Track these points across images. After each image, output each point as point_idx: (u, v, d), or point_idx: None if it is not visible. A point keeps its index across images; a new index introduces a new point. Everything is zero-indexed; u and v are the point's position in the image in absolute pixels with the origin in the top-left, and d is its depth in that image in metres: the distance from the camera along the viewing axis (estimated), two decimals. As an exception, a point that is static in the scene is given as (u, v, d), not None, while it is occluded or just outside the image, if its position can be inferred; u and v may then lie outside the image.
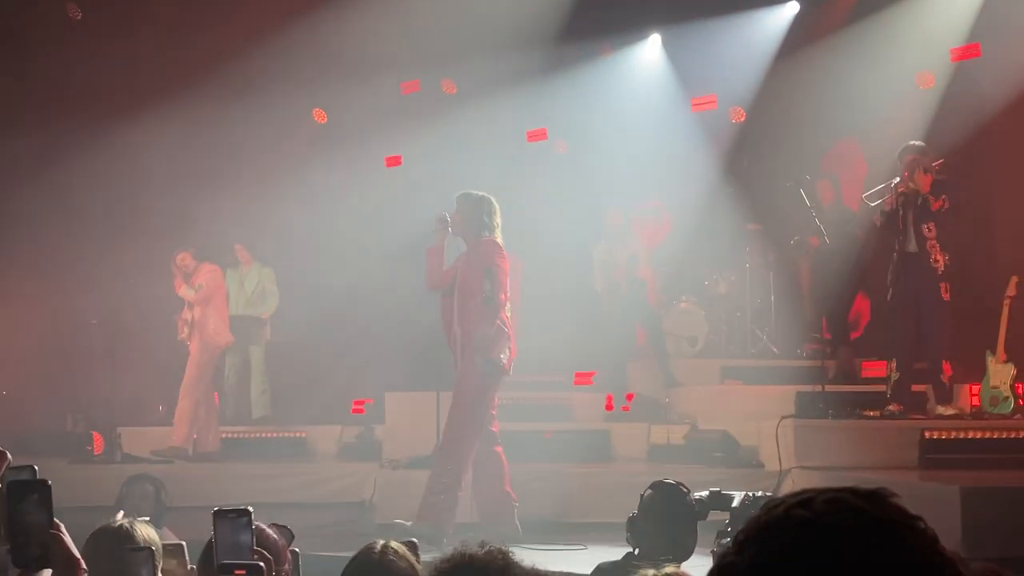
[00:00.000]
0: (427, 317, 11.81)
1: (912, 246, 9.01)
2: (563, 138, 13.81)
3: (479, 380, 7.66)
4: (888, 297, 9.30)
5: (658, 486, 4.74)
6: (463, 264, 7.73)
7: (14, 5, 12.28)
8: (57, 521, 2.38)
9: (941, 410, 9.06)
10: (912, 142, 9.30)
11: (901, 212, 8.94)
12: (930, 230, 8.98)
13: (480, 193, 7.89)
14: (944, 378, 9.12)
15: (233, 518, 2.55)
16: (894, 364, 9.27)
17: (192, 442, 10.62)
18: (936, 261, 8.96)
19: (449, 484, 7.56)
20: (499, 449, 7.86)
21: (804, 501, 1.43)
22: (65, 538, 2.37)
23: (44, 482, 2.33)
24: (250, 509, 2.56)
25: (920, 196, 8.91)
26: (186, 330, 10.76)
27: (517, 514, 7.77)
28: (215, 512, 2.56)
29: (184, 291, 10.74)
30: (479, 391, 7.71)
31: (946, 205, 8.93)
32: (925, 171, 8.90)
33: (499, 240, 7.77)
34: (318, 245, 12.81)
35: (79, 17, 12.15)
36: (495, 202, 7.86)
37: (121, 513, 4.79)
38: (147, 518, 3.84)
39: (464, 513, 7.78)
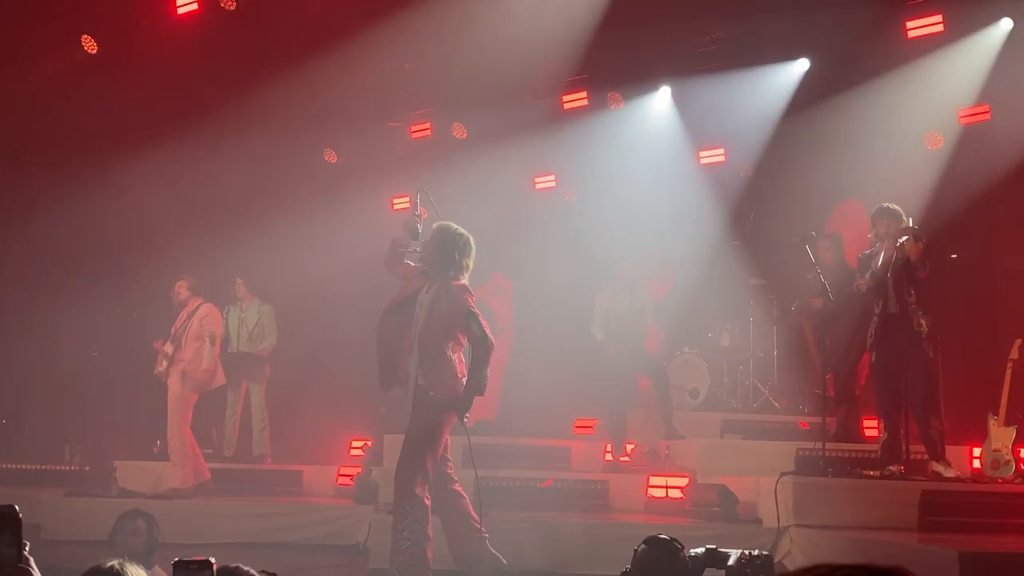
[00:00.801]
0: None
1: (893, 307, 9.04)
2: (571, 186, 13.86)
3: (437, 425, 7.39)
4: (872, 358, 9.28)
5: (652, 542, 4.66)
6: (428, 308, 7.38)
7: (28, 40, 12.36)
8: (27, 555, 2.40)
9: (940, 469, 9.01)
10: (886, 205, 9.29)
11: (888, 275, 8.99)
12: (911, 295, 9.01)
13: (460, 230, 7.54)
14: (934, 433, 9.07)
15: (195, 570, 2.52)
16: (880, 424, 9.25)
17: (190, 479, 10.56)
18: (919, 325, 8.97)
19: (416, 536, 7.35)
20: (458, 487, 7.69)
21: None
22: (34, 572, 2.37)
23: (15, 516, 2.37)
24: (212, 560, 2.52)
25: (907, 264, 8.94)
26: (164, 364, 10.62)
27: (490, 544, 7.63)
28: (175, 564, 2.53)
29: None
30: (436, 436, 7.43)
31: (927, 271, 8.99)
32: (916, 239, 8.92)
33: (466, 283, 7.46)
34: (322, 284, 12.83)
35: (94, 52, 12.21)
36: (472, 244, 7.54)
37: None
38: (139, 563, 3.79)
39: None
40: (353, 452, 11.87)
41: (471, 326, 7.17)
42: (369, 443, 11.70)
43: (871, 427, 10.80)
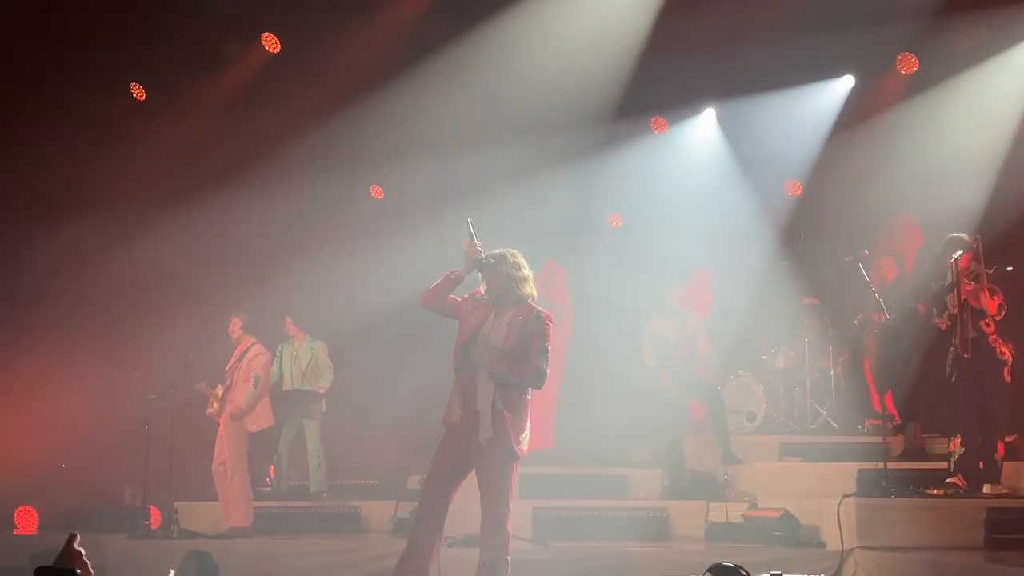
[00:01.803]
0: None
1: (973, 332, 8.96)
2: (618, 212, 13.85)
3: (510, 464, 6.78)
4: (952, 377, 9.17)
5: (717, 570, 4.64)
6: (505, 329, 6.73)
7: (80, 88, 12.59)
8: None
9: (987, 488, 8.91)
10: (957, 234, 9.21)
11: (960, 321, 8.92)
12: (988, 325, 8.95)
13: (499, 251, 6.94)
14: (997, 457, 9.00)
15: None
16: (958, 440, 9.12)
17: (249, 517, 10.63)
18: (1002, 353, 8.94)
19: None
20: None
21: None
22: None
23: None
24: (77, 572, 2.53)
25: (975, 308, 8.90)
26: (215, 405, 10.75)
27: None
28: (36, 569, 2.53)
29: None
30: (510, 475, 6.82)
31: (1005, 306, 8.94)
32: (992, 294, 8.87)
33: (535, 294, 6.93)
34: (374, 319, 12.88)
35: (143, 99, 12.41)
36: (518, 254, 6.95)
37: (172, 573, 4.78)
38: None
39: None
40: (411, 487, 11.87)
41: (541, 359, 6.72)
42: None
43: (938, 446, 10.69)
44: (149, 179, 12.77)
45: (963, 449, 9.04)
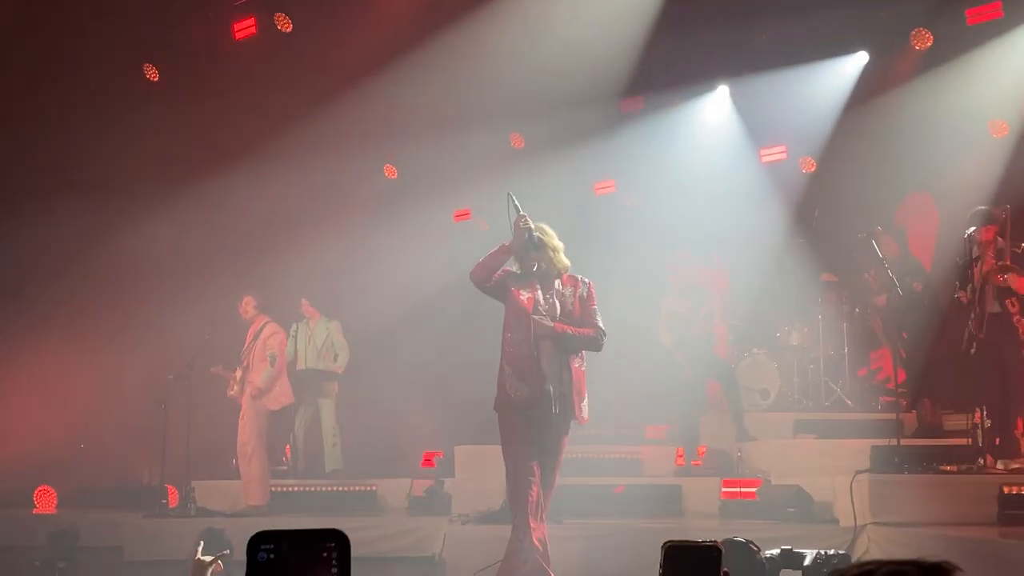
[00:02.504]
0: (496, 368, 11.90)
1: (994, 307, 8.94)
2: (631, 191, 13.83)
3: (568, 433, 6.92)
4: (971, 350, 9.15)
5: (728, 544, 4.67)
6: (558, 300, 6.83)
7: (91, 70, 12.63)
8: None
9: (1002, 465, 8.91)
10: (980, 208, 9.19)
11: (988, 297, 8.89)
12: (1013, 304, 8.91)
13: (540, 225, 6.94)
14: (1017, 433, 9.00)
15: None
16: (984, 412, 9.12)
17: (266, 496, 10.72)
18: (1020, 322, 8.90)
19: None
20: None
21: (868, 571, 1.42)
22: None
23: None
24: None
25: (1000, 285, 8.86)
26: (236, 387, 10.88)
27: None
28: None
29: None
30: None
31: None
32: (1020, 275, 8.83)
33: (569, 264, 6.97)
34: (387, 299, 12.92)
35: (156, 80, 12.45)
36: (545, 227, 6.95)
37: (202, 545, 4.83)
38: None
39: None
40: (425, 464, 11.94)
41: (598, 320, 6.91)
42: (440, 455, 11.76)
43: (954, 422, 10.69)
44: (162, 159, 12.82)
45: (989, 422, 9.05)
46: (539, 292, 6.83)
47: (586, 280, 6.98)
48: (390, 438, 12.63)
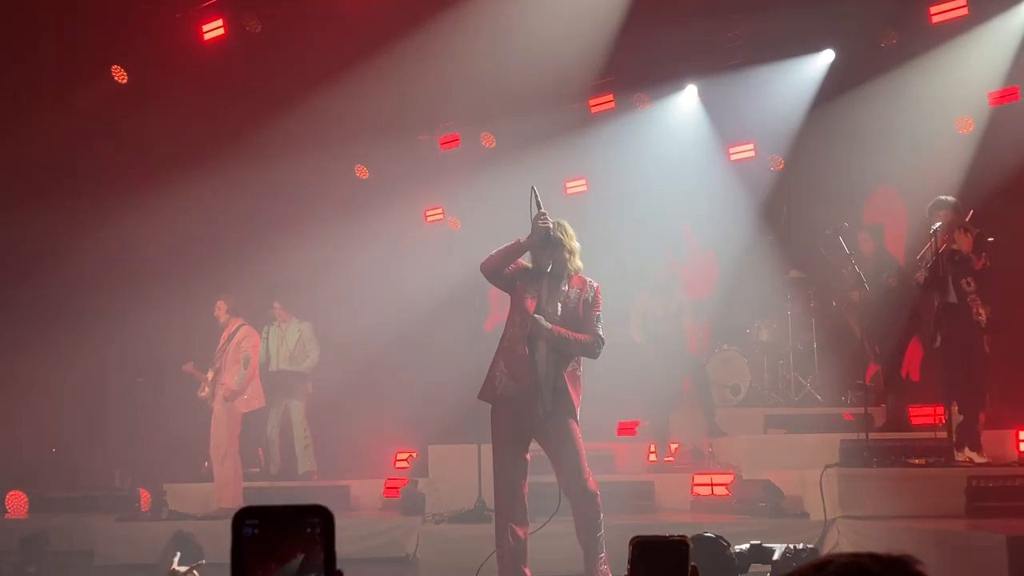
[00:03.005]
0: (469, 368, 11.91)
1: (952, 298, 9.04)
2: (602, 189, 13.88)
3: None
4: (937, 344, 9.27)
5: (698, 540, 4.71)
6: (563, 301, 6.75)
7: (58, 71, 12.55)
8: None
9: (972, 456, 9.02)
10: (942, 197, 9.32)
11: (941, 269, 8.98)
12: (969, 284, 9.02)
13: (560, 222, 6.83)
14: (978, 426, 9.10)
15: None
16: (956, 407, 9.22)
17: (239, 498, 10.70)
18: (979, 314, 8.99)
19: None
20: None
21: (821, 564, 1.44)
22: None
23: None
24: None
25: (960, 257, 8.96)
26: (207, 389, 10.86)
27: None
28: None
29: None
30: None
31: (988, 263, 8.98)
32: (966, 231, 8.95)
33: (582, 267, 6.91)
34: (359, 298, 12.92)
35: (124, 81, 12.37)
36: (567, 226, 6.86)
37: (178, 556, 4.83)
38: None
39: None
40: (399, 464, 11.95)
41: (599, 326, 6.80)
42: (414, 455, 11.78)
43: (920, 415, 10.79)
44: (130, 162, 12.74)
45: (962, 416, 9.15)
46: (544, 291, 6.76)
47: (595, 284, 6.90)
48: (363, 439, 12.63)
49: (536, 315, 6.65)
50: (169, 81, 12.71)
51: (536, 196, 6.75)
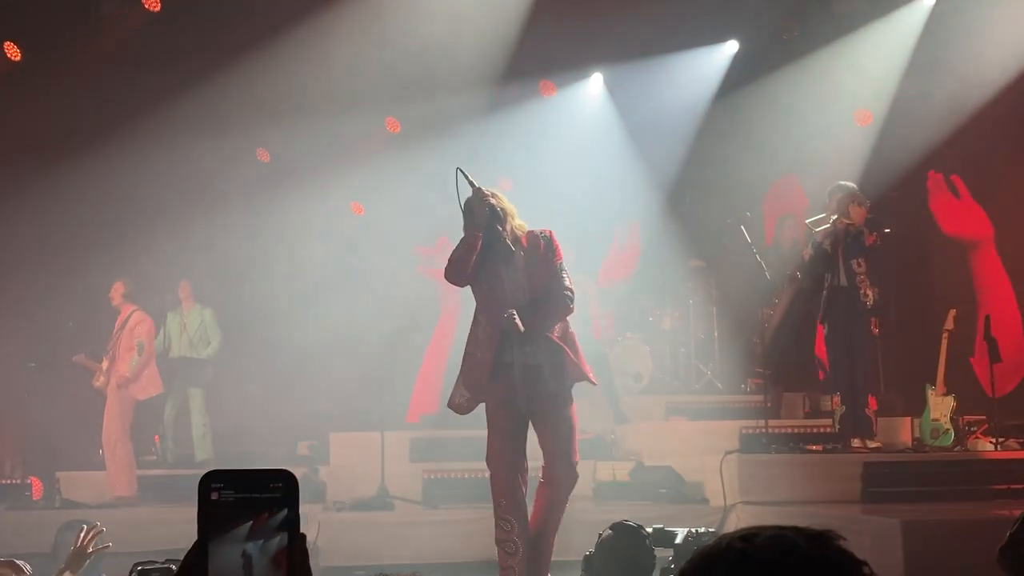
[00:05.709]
0: (371, 355, 11.83)
1: (842, 280, 9.18)
2: (508, 176, 13.85)
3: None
4: (824, 332, 9.42)
5: (619, 528, 4.72)
6: (524, 270, 6.26)
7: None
8: None
9: (857, 443, 9.18)
10: (842, 183, 9.46)
11: (831, 247, 9.09)
12: (860, 265, 9.16)
13: (495, 191, 6.38)
14: (869, 412, 9.24)
15: None
16: (838, 398, 9.37)
17: (134, 487, 10.50)
18: (866, 296, 9.12)
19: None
20: None
21: (748, 535, 1.43)
22: None
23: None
24: (172, 567, 2.51)
25: (853, 231, 9.07)
26: (103, 378, 10.63)
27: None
28: (138, 571, 2.50)
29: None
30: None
31: (879, 241, 9.11)
32: (859, 204, 9.09)
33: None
34: (262, 285, 12.74)
35: (18, 59, 12.01)
36: (498, 192, 6.40)
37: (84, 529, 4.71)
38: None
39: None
40: (299, 452, 11.80)
41: (564, 277, 6.27)
42: (314, 442, 11.66)
43: (815, 403, 10.98)
44: (25, 142, 12.38)
45: (843, 407, 9.29)
46: (503, 272, 6.20)
47: (546, 233, 6.32)
48: (263, 426, 12.45)
49: (510, 315, 6.14)
50: (65, 60, 12.37)
51: (466, 176, 6.32)
